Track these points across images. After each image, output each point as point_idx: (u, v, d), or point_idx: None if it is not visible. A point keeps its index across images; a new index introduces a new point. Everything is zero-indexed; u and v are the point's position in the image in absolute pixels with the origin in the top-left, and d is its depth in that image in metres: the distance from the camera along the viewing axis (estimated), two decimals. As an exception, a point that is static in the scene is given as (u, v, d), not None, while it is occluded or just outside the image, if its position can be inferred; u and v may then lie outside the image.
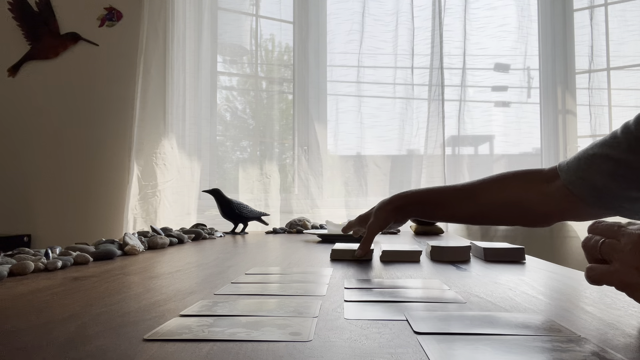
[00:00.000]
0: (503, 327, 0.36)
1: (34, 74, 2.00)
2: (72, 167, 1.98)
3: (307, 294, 0.48)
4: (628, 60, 1.98)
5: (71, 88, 2.00)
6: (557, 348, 0.31)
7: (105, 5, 2.00)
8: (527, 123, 2.07)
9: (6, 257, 0.68)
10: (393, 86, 2.04)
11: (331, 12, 2.11)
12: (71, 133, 1.99)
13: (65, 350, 0.30)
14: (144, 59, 1.82)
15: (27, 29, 2.00)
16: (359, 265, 0.72)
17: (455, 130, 2.02)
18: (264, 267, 0.70)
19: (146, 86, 1.81)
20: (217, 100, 2.04)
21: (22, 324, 0.37)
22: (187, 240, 1.16)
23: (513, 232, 1.93)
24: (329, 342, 0.32)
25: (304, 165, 2.02)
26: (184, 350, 0.30)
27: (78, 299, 0.47)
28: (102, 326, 0.36)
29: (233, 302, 0.44)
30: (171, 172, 1.82)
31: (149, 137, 1.81)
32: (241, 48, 2.13)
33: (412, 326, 0.35)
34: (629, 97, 1.99)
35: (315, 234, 1.30)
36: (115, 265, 0.73)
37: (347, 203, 2.02)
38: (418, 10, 2.04)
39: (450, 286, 0.54)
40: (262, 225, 1.58)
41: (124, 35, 2.00)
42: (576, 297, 0.50)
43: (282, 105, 2.14)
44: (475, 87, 2.07)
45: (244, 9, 2.12)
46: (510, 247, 0.81)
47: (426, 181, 1.98)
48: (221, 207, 1.47)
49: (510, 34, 2.06)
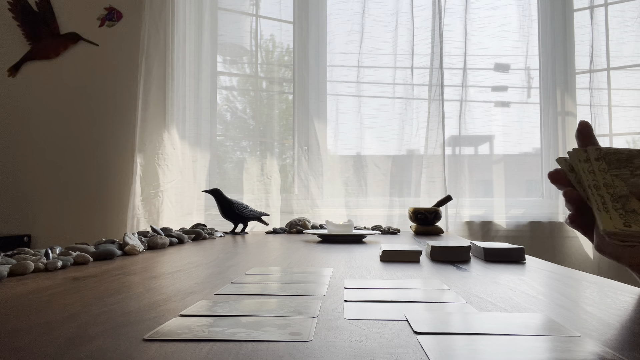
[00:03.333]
0: (503, 327, 0.36)
1: (34, 74, 2.00)
2: (72, 167, 1.98)
3: (307, 294, 0.48)
4: (627, 61, 1.98)
5: (71, 88, 2.00)
6: (557, 348, 0.31)
7: (105, 5, 2.01)
8: (527, 123, 2.07)
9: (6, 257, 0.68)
10: (393, 86, 2.05)
11: (331, 13, 2.11)
12: (71, 133, 1.99)
13: (65, 350, 0.30)
14: (146, 59, 1.83)
15: (27, 29, 2.00)
16: (359, 265, 0.72)
17: (456, 130, 2.02)
18: (264, 267, 0.70)
19: (148, 87, 1.82)
20: (217, 100, 2.04)
21: (22, 324, 0.37)
22: (187, 240, 1.16)
23: (513, 232, 1.93)
24: (329, 342, 0.32)
25: (304, 165, 2.02)
26: (184, 350, 0.30)
27: (78, 299, 0.47)
28: (102, 326, 0.36)
29: (233, 302, 0.44)
30: (173, 173, 1.83)
31: (150, 137, 1.81)
32: (241, 48, 2.13)
33: (412, 326, 0.35)
34: (629, 97, 1.99)
35: (315, 234, 1.30)
36: (115, 265, 0.73)
37: (347, 203, 2.02)
38: (418, 10, 2.04)
39: (450, 286, 0.54)
40: (262, 225, 1.58)
41: (124, 35, 2.00)
42: (576, 297, 0.50)
43: (282, 105, 2.14)
44: (476, 87, 2.07)
45: (244, 9, 2.12)
46: (510, 247, 0.81)
47: (426, 181, 1.98)
48: (221, 207, 1.48)
49: (511, 34, 2.06)
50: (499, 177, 2.02)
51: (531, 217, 1.97)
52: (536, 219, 1.96)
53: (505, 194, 2.00)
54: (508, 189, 2.01)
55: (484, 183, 2.08)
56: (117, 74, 1.99)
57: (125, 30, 2.00)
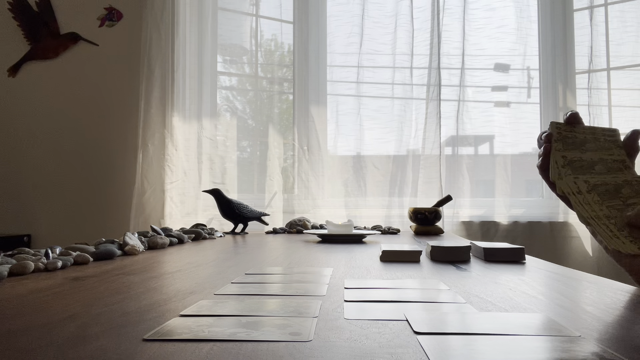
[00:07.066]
0: (503, 327, 0.36)
1: (34, 74, 2.00)
2: (72, 167, 1.98)
3: (307, 294, 0.48)
4: (626, 61, 1.98)
5: (71, 88, 2.00)
6: (557, 348, 0.31)
7: (105, 5, 2.01)
8: (527, 123, 2.07)
9: (6, 257, 0.68)
10: (392, 87, 2.04)
11: (331, 14, 2.11)
12: (71, 133, 1.99)
13: (65, 350, 0.30)
14: (148, 60, 1.83)
15: (27, 29, 2.00)
16: (359, 265, 0.72)
17: (454, 131, 2.02)
18: (264, 267, 0.70)
19: (150, 88, 1.82)
20: (217, 100, 2.04)
21: (22, 324, 0.37)
22: (187, 240, 1.16)
23: (513, 232, 1.93)
24: (329, 342, 0.32)
25: (304, 166, 2.02)
26: (184, 350, 0.30)
27: (78, 299, 0.47)
28: (102, 326, 0.36)
29: (233, 302, 0.44)
30: (175, 173, 1.83)
31: (152, 137, 1.81)
32: (241, 48, 2.13)
33: (412, 326, 0.35)
34: (628, 97, 1.99)
35: (315, 234, 1.30)
36: (115, 265, 0.73)
37: (346, 203, 2.02)
38: (417, 11, 2.04)
39: (450, 286, 0.54)
40: (262, 225, 1.58)
41: (124, 35, 2.00)
42: (576, 297, 0.50)
43: (283, 105, 2.14)
44: (475, 87, 2.07)
45: (244, 9, 2.12)
46: (510, 247, 0.81)
47: (424, 182, 1.98)
48: (221, 207, 1.48)
49: (509, 35, 2.06)
50: (498, 177, 2.02)
51: (531, 217, 1.97)
52: (536, 219, 1.96)
53: (505, 194, 2.00)
54: (508, 189, 2.01)
55: (483, 183, 2.08)
56: (117, 74, 1.99)
57: (125, 30, 2.00)
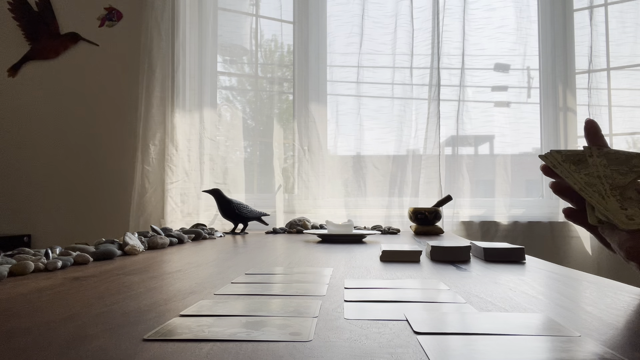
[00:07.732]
0: (503, 327, 0.36)
1: (34, 74, 2.00)
2: (72, 167, 1.98)
3: (307, 294, 0.48)
4: (626, 61, 1.98)
5: (71, 88, 2.00)
6: (557, 348, 0.31)
7: (105, 5, 2.01)
8: (527, 123, 2.07)
9: (6, 257, 0.68)
10: (392, 87, 2.04)
11: (331, 14, 2.11)
12: (71, 133, 1.99)
13: (65, 350, 0.30)
14: (148, 60, 1.83)
15: (27, 29, 2.00)
16: (359, 265, 0.72)
17: (454, 131, 2.02)
18: (264, 267, 0.70)
19: (151, 88, 1.82)
20: (217, 100, 2.04)
21: (22, 324, 0.37)
22: (187, 240, 1.17)
23: (513, 232, 1.93)
24: (329, 342, 0.32)
25: (304, 166, 2.02)
26: (184, 350, 0.30)
27: (78, 299, 0.47)
28: (102, 326, 0.36)
29: (233, 302, 0.44)
30: (176, 174, 1.83)
31: (153, 137, 1.81)
32: (241, 48, 2.13)
33: (412, 326, 0.35)
34: (628, 97, 1.99)
35: (315, 234, 1.30)
36: (115, 265, 0.73)
37: (346, 203, 2.02)
38: (417, 11, 2.04)
39: (450, 286, 0.54)
40: (262, 225, 1.58)
41: (124, 35, 2.00)
42: (576, 297, 0.50)
43: (282, 105, 2.14)
44: (475, 87, 2.07)
45: (244, 9, 2.12)
46: (510, 247, 0.81)
47: (424, 182, 1.98)
48: (221, 207, 1.48)
49: (509, 35, 2.06)
50: (498, 177, 2.02)
51: (531, 217, 1.97)
52: (536, 219, 1.96)
53: (505, 194, 2.00)
54: (508, 189, 2.01)
55: (483, 183, 2.08)
56: (117, 74, 1.99)
57: (125, 30, 2.00)
